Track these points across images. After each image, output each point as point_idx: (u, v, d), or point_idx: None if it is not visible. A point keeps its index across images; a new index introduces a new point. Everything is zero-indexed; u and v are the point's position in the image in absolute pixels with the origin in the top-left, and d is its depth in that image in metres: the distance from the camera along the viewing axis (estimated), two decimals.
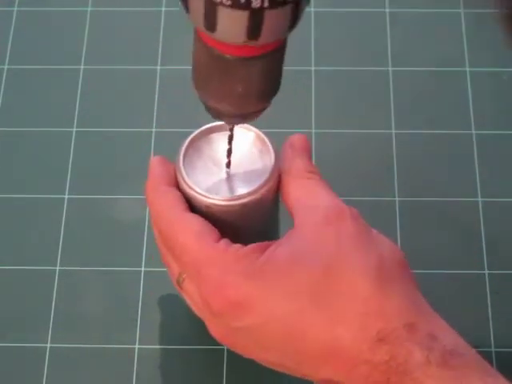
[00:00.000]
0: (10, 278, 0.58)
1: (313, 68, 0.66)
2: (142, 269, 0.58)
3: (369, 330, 0.41)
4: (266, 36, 0.38)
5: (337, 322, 0.42)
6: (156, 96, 0.65)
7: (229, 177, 0.48)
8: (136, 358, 0.55)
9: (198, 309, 0.48)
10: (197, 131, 0.49)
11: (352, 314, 0.42)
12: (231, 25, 0.38)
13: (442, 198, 0.61)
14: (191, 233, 0.46)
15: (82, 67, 0.66)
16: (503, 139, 0.63)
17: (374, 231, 0.45)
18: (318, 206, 0.45)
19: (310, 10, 0.69)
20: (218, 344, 0.47)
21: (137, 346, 0.56)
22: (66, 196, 0.61)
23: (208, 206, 0.47)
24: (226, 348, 0.55)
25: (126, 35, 0.68)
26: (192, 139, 0.49)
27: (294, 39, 0.68)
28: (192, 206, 0.48)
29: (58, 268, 0.58)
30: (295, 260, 0.43)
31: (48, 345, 0.56)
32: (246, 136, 0.49)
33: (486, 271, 0.58)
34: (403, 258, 0.45)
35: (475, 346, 0.55)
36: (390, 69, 0.66)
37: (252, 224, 0.49)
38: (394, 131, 0.63)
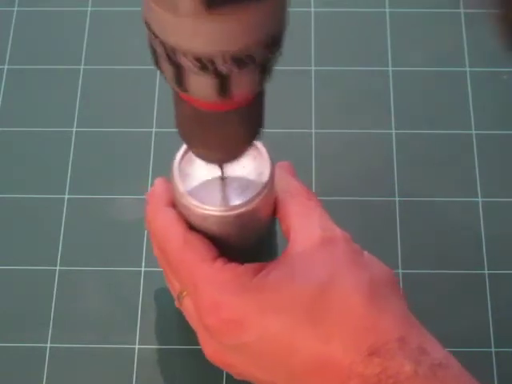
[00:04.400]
0: (10, 277, 0.58)
1: (313, 68, 0.66)
2: (142, 269, 0.58)
3: (361, 344, 0.42)
4: (237, 94, 0.39)
5: (330, 336, 0.43)
6: (156, 96, 0.65)
7: (224, 186, 0.48)
8: (136, 358, 0.55)
9: (194, 326, 0.49)
10: None
11: (345, 328, 0.43)
12: (201, 87, 0.38)
13: (442, 198, 0.61)
14: (189, 251, 0.46)
15: (81, 67, 0.66)
16: (503, 139, 0.63)
17: (366, 253, 0.47)
18: (315, 227, 0.46)
19: (310, 10, 0.69)
20: None
21: (137, 346, 0.56)
22: (66, 196, 0.61)
23: (204, 217, 0.47)
24: None
25: (126, 35, 0.68)
26: (187, 149, 0.48)
27: (294, 39, 0.68)
28: (188, 217, 0.48)
29: (57, 268, 0.58)
30: (290, 279, 0.44)
31: (48, 345, 0.56)
32: None
33: (486, 271, 0.58)
34: (393, 276, 0.46)
35: (475, 346, 0.55)
36: (390, 69, 0.66)
37: (248, 235, 0.49)
38: (393, 131, 0.63)
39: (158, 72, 0.39)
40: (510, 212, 0.60)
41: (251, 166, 0.48)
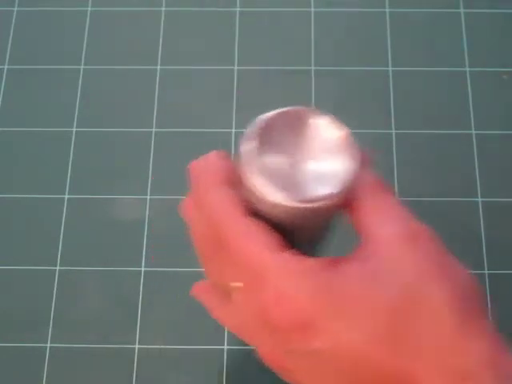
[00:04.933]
0: (10, 277, 0.58)
1: (313, 68, 0.66)
2: (142, 269, 0.58)
3: (449, 367, 0.37)
4: None
5: (412, 354, 0.38)
6: (156, 96, 0.65)
7: (303, 175, 0.41)
8: (136, 358, 0.55)
9: (248, 325, 0.42)
10: (270, 114, 0.41)
11: (430, 347, 0.38)
12: None
13: (442, 198, 0.61)
14: (255, 238, 0.40)
15: (81, 67, 0.66)
16: (503, 139, 0.63)
17: (451, 256, 0.41)
18: (394, 222, 0.40)
19: (310, 10, 0.69)
20: (217, 344, 0.47)
21: (137, 346, 0.56)
22: (66, 196, 0.61)
23: (274, 206, 0.40)
24: (226, 348, 0.55)
25: (126, 35, 0.68)
26: (263, 127, 0.40)
27: (294, 39, 0.68)
28: (253, 204, 0.41)
29: (57, 268, 0.58)
30: (369, 280, 0.39)
31: (48, 345, 0.56)
32: (332, 134, 0.42)
33: (486, 271, 0.58)
34: (478, 285, 0.40)
35: None
36: (390, 69, 0.66)
37: (311, 230, 0.43)
38: (393, 131, 0.63)
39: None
40: (510, 212, 0.60)
41: (337, 159, 0.41)
